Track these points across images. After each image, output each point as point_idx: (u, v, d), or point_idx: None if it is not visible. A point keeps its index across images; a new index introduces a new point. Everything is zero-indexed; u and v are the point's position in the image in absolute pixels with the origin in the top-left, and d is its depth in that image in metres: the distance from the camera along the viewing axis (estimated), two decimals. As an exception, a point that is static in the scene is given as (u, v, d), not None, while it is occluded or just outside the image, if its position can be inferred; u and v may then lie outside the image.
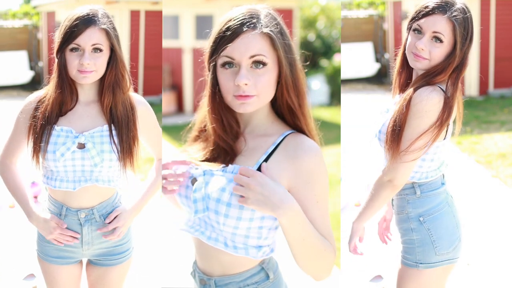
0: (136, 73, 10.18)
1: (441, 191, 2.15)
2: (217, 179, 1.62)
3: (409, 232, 2.15)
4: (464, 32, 2.01)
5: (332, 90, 12.06)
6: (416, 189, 2.13)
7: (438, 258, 2.11)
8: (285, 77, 1.63)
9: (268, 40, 1.59)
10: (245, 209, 1.57)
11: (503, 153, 7.08)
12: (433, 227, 2.11)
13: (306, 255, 1.60)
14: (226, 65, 1.59)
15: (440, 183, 2.16)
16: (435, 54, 2.01)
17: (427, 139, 2.00)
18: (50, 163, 2.11)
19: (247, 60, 1.57)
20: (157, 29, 10.58)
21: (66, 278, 2.27)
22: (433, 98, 1.97)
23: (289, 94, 1.65)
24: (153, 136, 2.30)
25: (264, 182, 1.51)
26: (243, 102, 1.59)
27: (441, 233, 2.11)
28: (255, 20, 1.59)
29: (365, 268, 3.87)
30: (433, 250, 2.11)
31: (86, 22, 2.06)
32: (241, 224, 1.59)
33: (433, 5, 2.02)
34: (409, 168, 2.03)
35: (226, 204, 1.58)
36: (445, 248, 2.11)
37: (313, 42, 14.94)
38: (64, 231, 2.18)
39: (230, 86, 1.59)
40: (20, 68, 11.72)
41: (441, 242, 2.11)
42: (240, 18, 1.59)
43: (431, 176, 2.12)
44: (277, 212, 1.51)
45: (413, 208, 2.13)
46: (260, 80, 1.58)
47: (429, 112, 1.98)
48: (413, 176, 2.10)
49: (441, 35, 2.00)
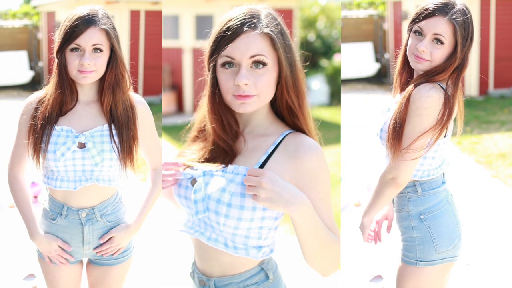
0: (136, 73, 10.17)
1: (441, 189, 2.16)
2: (217, 179, 1.62)
3: (410, 230, 2.16)
4: (465, 33, 2.03)
5: (332, 90, 12.07)
6: (417, 187, 2.14)
7: (438, 256, 2.13)
8: (285, 77, 1.63)
9: (268, 40, 1.59)
10: (245, 209, 1.58)
11: (503, 153, 7.08)
12: (433, 225, 2.13)
13: (317, 250, 1.61)
14: (226, 65, 1.59)
15: (440, 182, 2.17)
16: (436, 56, 2.03)
17: (428, 138, 2.02)
18: (51, 163, 2.11)
19: (247, 60, 1.57)
20: (157, 29, 10.58)
21: (66, 277, 2.27)
22: (432, 95, 1.99)
23: (289, 94, 1.65)
24: (148, 139, 2.27)
25: (274, 179, 1.51)
26: (243, 102, 1.59)
27: (441, 231, 2.13)
28: (256, 20, 1.59)
29: (365, 268, 3.87)
30: (433, 248, 2.12)
31: (87, 22, 2.06)
32: (242, 224, 1.59)
33: (434, 7, 2.03)
34: (411, 166, 2.04)
35: (226, 204, 1.58)
36: (445, 246, 2.13)
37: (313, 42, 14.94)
38: (63, 253, 2.20)
39: (230, 86, 1.59)
40: (20, 68, 11.71)
41: (441, 240, 2.12)
42: (241, 18, 1.59)
43: (433, 174, 2.13)
44: (290, 208, 1.51)
45: (414, 206, 2.15)
46: (260, 80, 1.58)
47: (428, 109, 1.99)
48: (415, 174, 2.11)
49: (442, 37, 2.02)
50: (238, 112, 1.67)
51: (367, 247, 4.08)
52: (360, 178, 5.36)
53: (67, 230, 2.20)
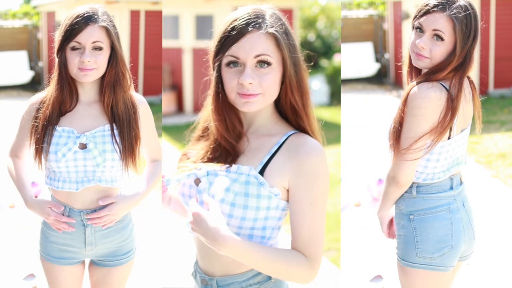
0: (136, 73, 10.17)
1: (445, 195, 2.10)
2: (221, 179, 1.62)
3: (399, 228, 2.15)
4: (466, 30, 1.98)
5: (332, 90, 12.06)
6: (413, 190, 2.10)
7: (419, 260, 2.07)
8: (290, 77, 1.63)
9: (273, 40, 1.60)
10: (249, 209, 1.58)
11: (503, 153, 7.08)
12: (420, 227, 2.08)
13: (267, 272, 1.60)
14: (231, 64, 1.60)
15: (448, 187, 2.11)
16: (436, 53, 2.00)
17: (427, 140, 1.99)
18: (52, 163, 2.11)
19: (252, 60, 1.58)
20: (157, 29, 10.57)
21: (68, 278, 2.26)
22: (428, 95, 1.96)
23: (293, 94, 1.65)
24: (148, 137, 2.27)
25: (200, 220, 1.53)
26: (247, 100, 1.59)
27: (427, 236, 2.07)
28: (261, 20, 1.60)
29: (365, 268, 3.87)
30: (414, 251, 2.08)
31: (86, 20, 2.06)
32: (245, 224, 1.60)
33: (434, 2, 2.00)
34: (411, 166, 2.02)
35: (230, 204, 1.59)
36: (428, 252, 2.06)
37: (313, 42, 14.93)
38: (59, 217, 2.16)
39: (234, 84, 1.59)
40: (20, 68, 11.70)
41: (424, 244, 2.06)
42: (246, 18, 1.60)
43: (438, 178, 2.08)
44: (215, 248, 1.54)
45: (405, 205, 2.12)
46: (265, 78, 1.59)
47: (424, 109, 1.96)
48: (418, 177, 2.08)
49: (441, 32, 1.98)
50: (242, 112, 1.67)
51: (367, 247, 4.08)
52: (360, 178, 5.36)
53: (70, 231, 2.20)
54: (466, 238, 2.13)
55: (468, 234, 2.14)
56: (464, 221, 2.13)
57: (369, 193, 4.84)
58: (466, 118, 2.12)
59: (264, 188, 1.60)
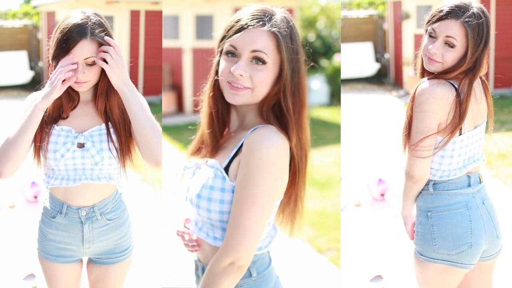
0: (136, 73, 10.17)
1: (463, 192, 2.12)
2: (199, 172, 1.69)
3: (417, 224, 2.18)
4: (478, 38, 2.02)
5: (332, 90, 12.05)
6: (430, 187, 2.13)
7: (437, 256, 2.11)
8: (285, 81, 1.63)
9: (274, 40, 1.61)
10: (213, 201, 1.61)
11: (503, 153, 7.08)
12: (437, 224, 2.10)
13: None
14: (229, 53, 1.63)
15: (465, 184, 2.12)
16: (448, 58, 2.05)
17: (436, 137, 2.04)
18: (51, 162, 2.12)
19: (248, 54, 1.60)
20: (157, 29, 10.57)
21: (66, 276, 2.27)
22: (434, 92, 2.01)
23: (286, 99, 1.63)
24: None
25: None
26: (235, 93, 1.61)
27: (444, 233, 2.10)
28: (267, 19, 1.62)
29: (365, 268, 3.87)
30: (431, 247, 2.11)
31: (78, 34, 2.02)
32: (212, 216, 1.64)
33: (447, 9, 2.05)
34: (422, 162, 2.06)
35: (196, 195, 1.65)
36: (445, 249, 2.10)
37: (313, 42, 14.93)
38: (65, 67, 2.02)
39: (226, 72, 1.62)
40: (20, 68, 11.71)
41: (441, 241, 2.10)
42: (254, 13, 1.63)
43: (454, 174, 2.10)
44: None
45: (423, 202, 2.15)
46: (257, 74, 1.60)
47: (430, 105, 2.00)
48: (434, 174, 2.11)
49: (454, 39, 2.03)
50: (235, 107, 1.70)
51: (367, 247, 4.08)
52: (360, 178, 5.36)
53: (67, 228, 2.20)
54: (487, 236, 2.14)
55: (490, 232, 2.15)
56: (485, 219, 2.14)
57: (369, 193, 4.85)
58: (479, 116, 2.15)
59: (227, 182, 1.62)
